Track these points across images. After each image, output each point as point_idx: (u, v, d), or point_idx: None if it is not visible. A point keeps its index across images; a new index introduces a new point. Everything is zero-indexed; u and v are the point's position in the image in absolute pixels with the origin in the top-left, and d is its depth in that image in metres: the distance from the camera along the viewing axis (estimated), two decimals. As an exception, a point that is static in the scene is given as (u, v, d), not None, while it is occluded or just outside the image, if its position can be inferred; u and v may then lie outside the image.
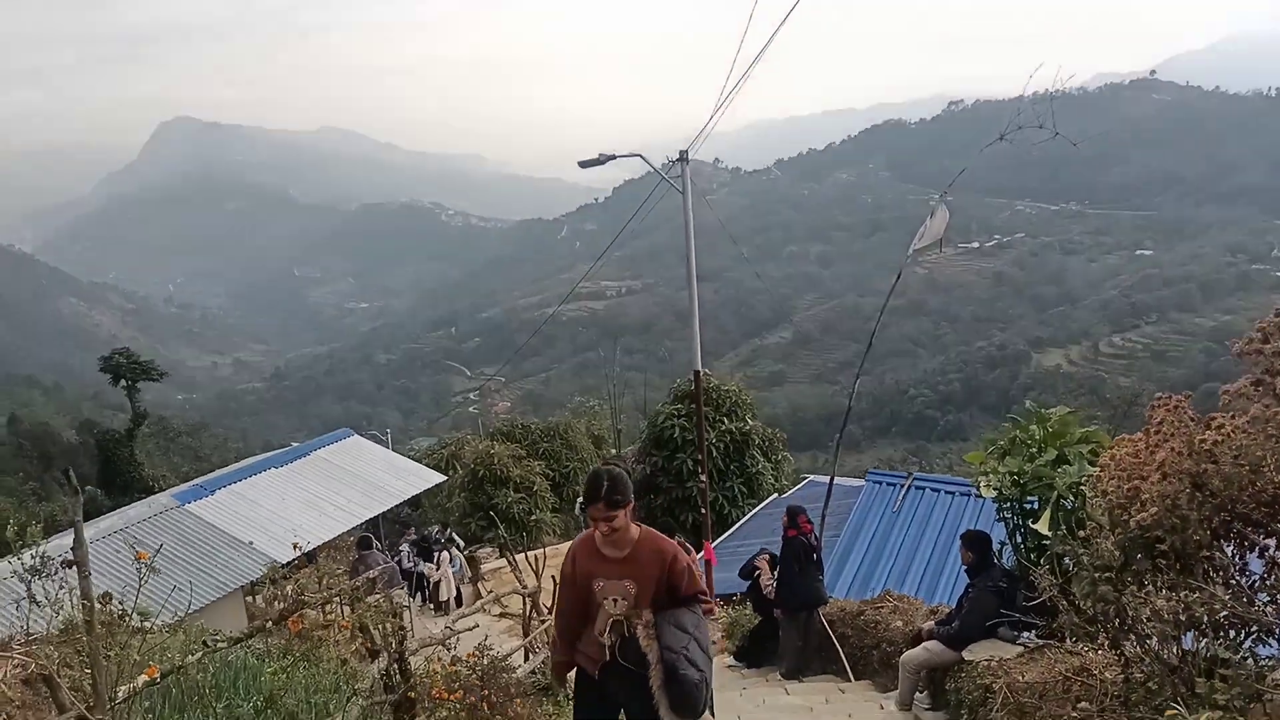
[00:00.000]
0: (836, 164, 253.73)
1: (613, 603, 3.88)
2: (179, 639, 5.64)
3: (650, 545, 3.90)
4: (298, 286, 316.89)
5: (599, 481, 3.74)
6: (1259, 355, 2.65)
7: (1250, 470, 2.74)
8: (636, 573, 3.86)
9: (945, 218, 11.00)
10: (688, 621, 3.88)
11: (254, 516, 16.48)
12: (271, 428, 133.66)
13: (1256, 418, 2.66)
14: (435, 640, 5.97)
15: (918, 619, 8.18)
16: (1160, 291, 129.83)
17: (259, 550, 15.04)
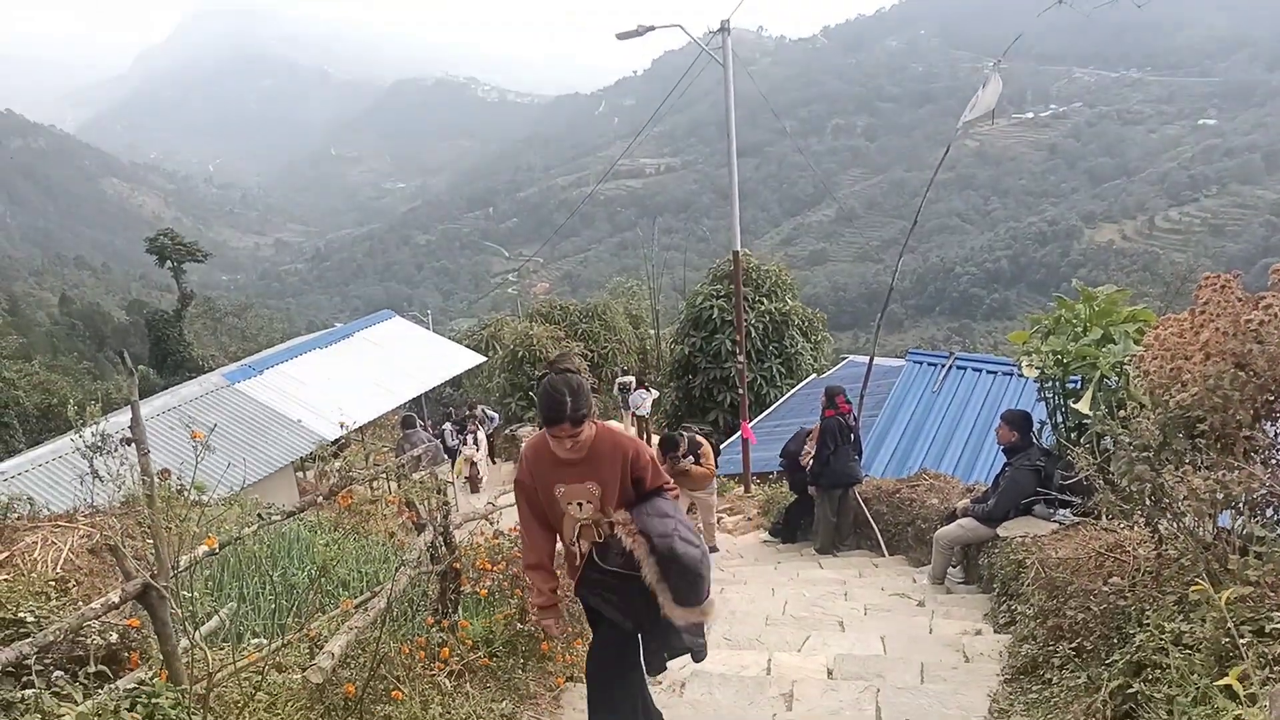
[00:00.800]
0: (885, 30, 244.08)
1: (578, 507, 3.55)
2: (235, 512, 5.88)
3: (609, 441, 3.53)
4: (335, 166, 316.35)
5: (559, 399, 3.32)
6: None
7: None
8: (598, 473, 3.50)
9: (998, 87, 10.58)
10: (667, 507, 3.58)
11: (301, 395, 16.88)
12: (314, 308, 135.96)
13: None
14: (479, 514, 6.15)
15: (954, 497, 8.26)
16: (1222, 163, 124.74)
17: (307, 428, 15.47)
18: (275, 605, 4.85)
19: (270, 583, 4.97)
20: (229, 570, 5.17)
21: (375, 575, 5.58)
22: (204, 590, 4.45)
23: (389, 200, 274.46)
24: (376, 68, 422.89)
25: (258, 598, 4.92)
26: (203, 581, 4.66)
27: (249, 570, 5.23)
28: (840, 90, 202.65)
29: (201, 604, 3.94)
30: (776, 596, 7.26)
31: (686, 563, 3.43)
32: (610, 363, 28.75)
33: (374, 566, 5.81)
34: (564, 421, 3.31)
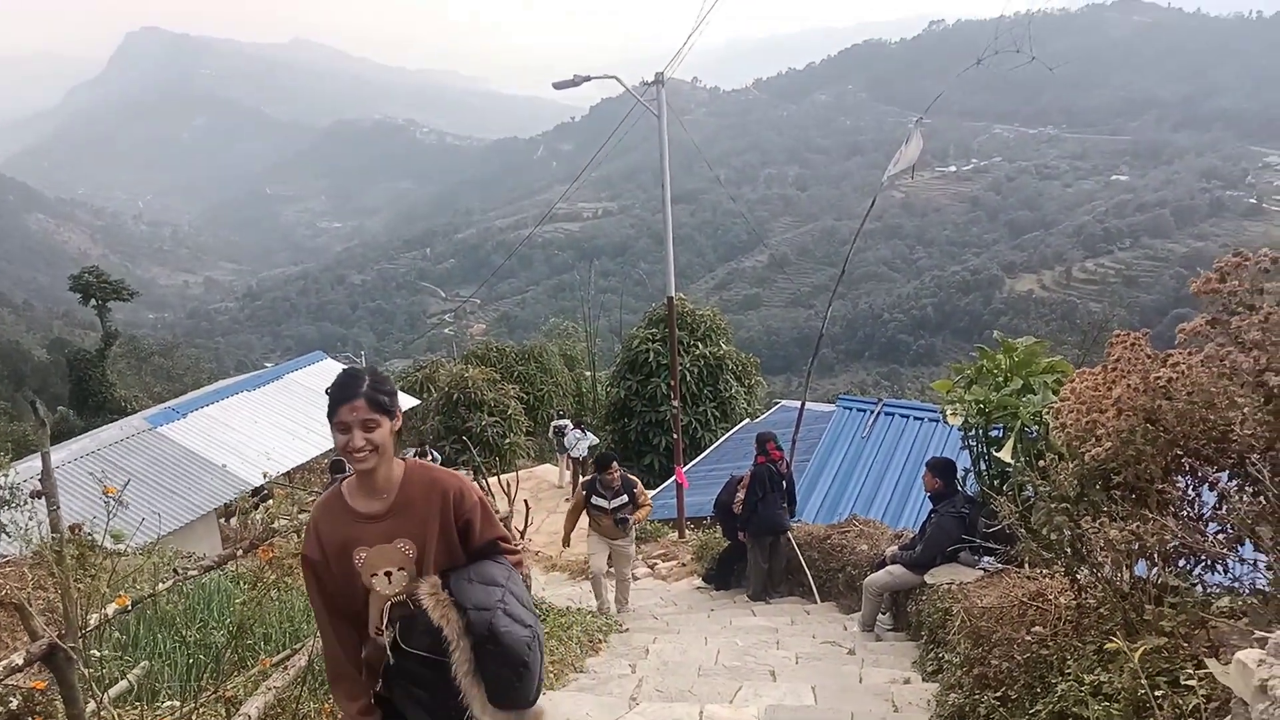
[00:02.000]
0: (815, 84, 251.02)
1: (386, 579, 2.64)
2: (152, 563, 5.67)
3: (423, 480, 2.72)
4: (270, 204, 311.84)
5: (355, 375, 2.67)
6: (1216, 294, 2.68)
7: (1203, 407, 2.79)
8: (411, 525, 2.67)
9: (920, 143, 10.94)
10: (496, 572, 2.74)
11: (227, 439, 16.48)
12: (245, 348, 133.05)
13: (1211, 356, 2.70)
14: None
15: (883, 543, 8.36)
16: (1134, 217, 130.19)
17: (232, 473, 15.10)
18: (191, 664, 4.68)
19: (185, 641, 4.80)
20: (144, 625, 4.98)
21: (298, 631, 5.43)
22: (115, 649, 4.28)
23: (324, 240, 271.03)
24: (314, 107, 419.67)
25: (173, 655, 4.74)
26: (114, 640, 4.48)
27: (164, 627, 5.05)
28: (772, 141, 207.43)
29: (112, 664, 3.79)
30: (709, 646, 7.23)
31: (510, 648, 2.60)
32: (546, 405, 28.68)
33: (297, 622, 5.65)
34: (357, 397, 2.57)
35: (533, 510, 10.90)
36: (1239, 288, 2.60)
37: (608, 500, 8.97)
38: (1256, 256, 2.60)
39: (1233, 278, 2.62)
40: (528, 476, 21.40)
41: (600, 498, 9.01)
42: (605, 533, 9.23)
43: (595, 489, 9.07)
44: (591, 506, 9.07)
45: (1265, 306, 2.51)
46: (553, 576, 14.36)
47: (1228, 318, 2.63)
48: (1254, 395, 2.56)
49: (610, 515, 8.97)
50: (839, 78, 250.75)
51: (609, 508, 8.95)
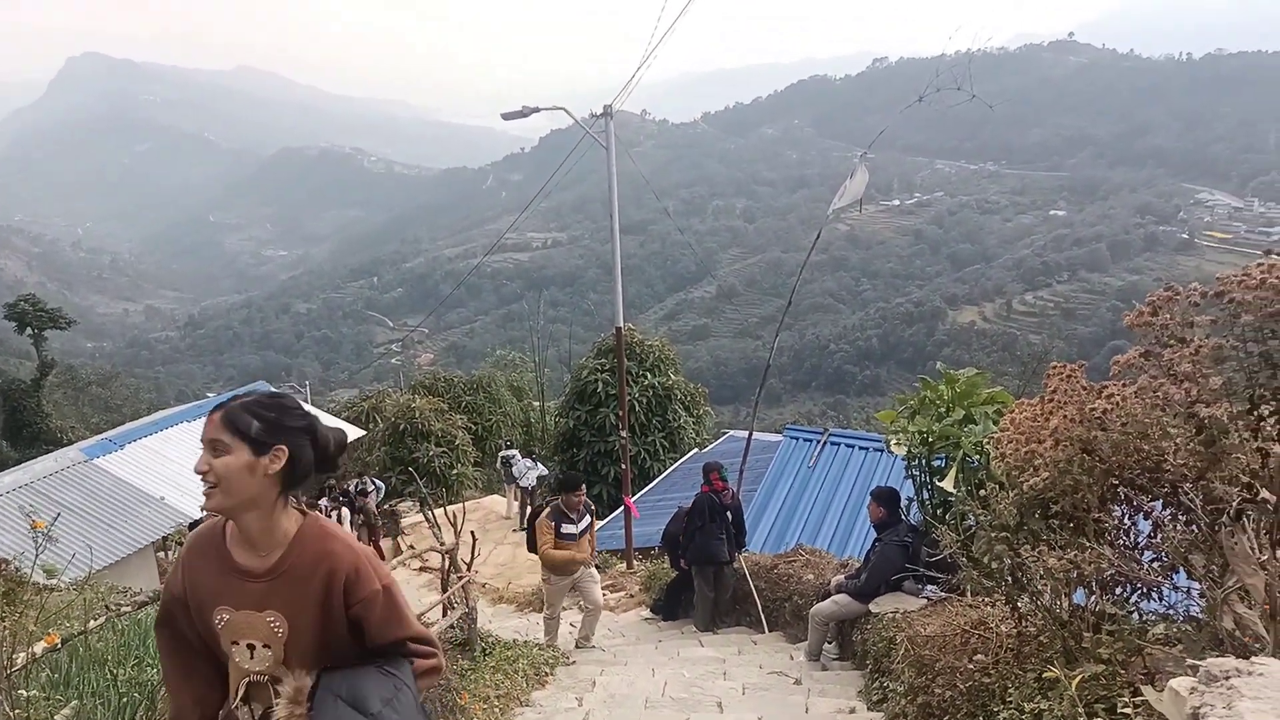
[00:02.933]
0: (762, 118, 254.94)
1: (246, 650, 2.17)
2: (84, 599, 5.49)
3: (314, 548, 2.18)
4: (213, 232, 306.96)
5: (243, 395, 2.22)
6: (1149, 327, 2.76)
7: (1137, 437, 2.86)
8: (287, 598, 2.15)
9: (865, 178, 11.13)
10: (376, 691, 2.11)
11: (165, 471, 16.12)
12: (186, 377, 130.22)
13: (1144, 388, 2.77)
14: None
15: (829, 572, 8.40)
16: (1071, 251, 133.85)
17: (170, 505, 14.76)
18: (124, 703, 4.51)
19: (115, 682, 4.63)
20: (75, 663, 4.80)
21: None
22: (44, 689, 4.11)
23: (269, 268, 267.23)
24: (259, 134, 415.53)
25: (105, 694, 4.57)
26: (43, 679, 4.31)
27: (96, 665, 4.87)
28: (720, 173, 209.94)
29: (41, 705, 3.64)
30: (656, 677, 7.18)
31: None
32: (495, 436, 28.48)
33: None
34: (216, 411, 2.17)
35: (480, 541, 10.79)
36: (1170, 321, 2.68)
37: (575, 525, 8.49)
38: (1186, 291, 2.68)
39: (1164, 311, 2.70)
40: (475, 508, 21.16)
41: (568, 524, 8.49)
42: (568, 566, 8.64)
43: (561, 516, 8.51)
44: (560, 536, 8.47)
45: (1195, 340, 2.59)
46: (500, 609, 14.20)
47: (1160, 350, 2.70)
48: (1186, 426, 2.64)
49: (578, 541, 8.47)
50: (785, 112, 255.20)
51: (577, 532, 8.47)
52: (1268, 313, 2.38)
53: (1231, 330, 2.53)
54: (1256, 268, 2.46)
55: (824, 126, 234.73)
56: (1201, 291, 2.64)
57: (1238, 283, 2.47)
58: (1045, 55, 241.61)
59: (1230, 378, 2.53)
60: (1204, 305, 2.63)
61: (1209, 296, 2.60)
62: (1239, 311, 2.47)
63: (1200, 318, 2.61)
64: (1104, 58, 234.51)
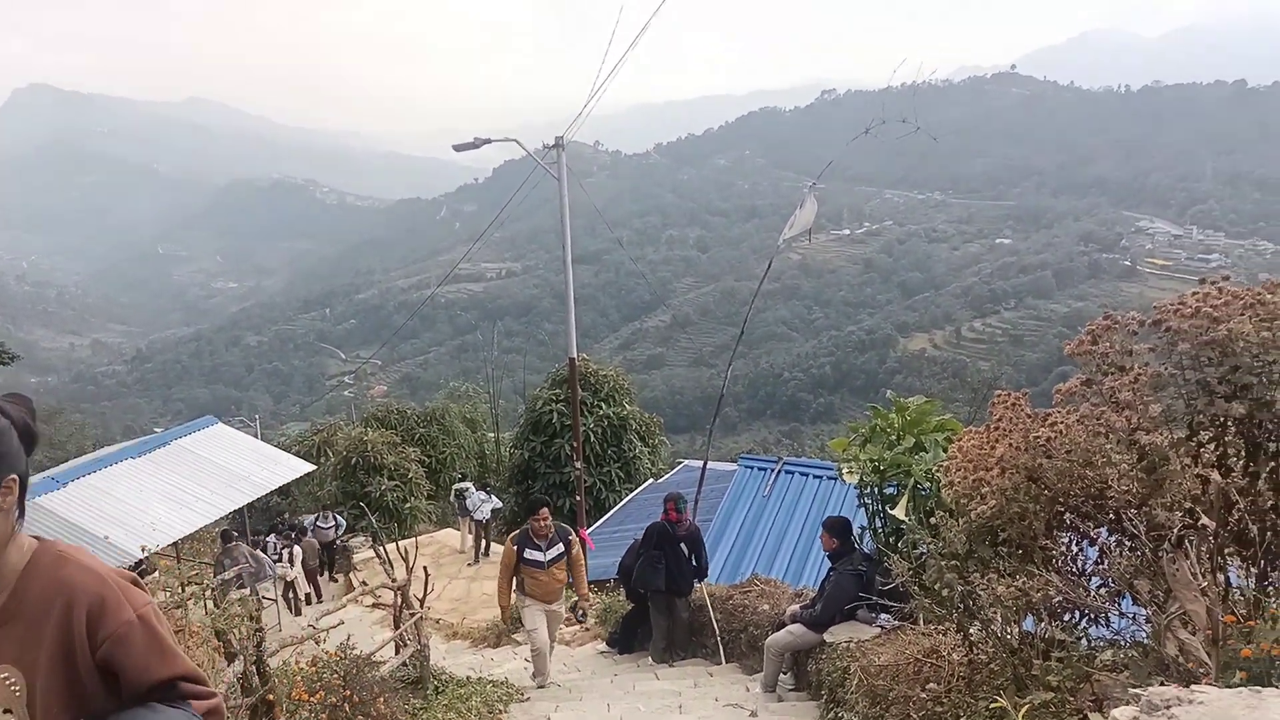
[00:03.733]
0: (714, 149, 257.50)
1: None
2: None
3: (47, 580, 1.77)
4: (162, 264, 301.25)
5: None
6: (1089, 355, 2.79)
7: (1081, 465, 2.88)
8: (20, 645, 1.71)
9: (814, 208, 11.26)
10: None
11: (110, 510, 15.68)
12: (133, 412, 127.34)
13: (1086, 416, 2.80)
14: (297, 640, 5.78)
15: (784, 602, 8.38)
16: (1017, 279, 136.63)
17: (115, 545, 14.36)
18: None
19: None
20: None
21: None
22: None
23: (219, 300, 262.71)
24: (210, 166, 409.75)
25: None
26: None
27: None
28: (673, 203, 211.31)
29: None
30: (612, 712, 7.10)
31: None
32: (448, 468, 28.17)
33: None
34: None
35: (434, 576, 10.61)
36: (1110, 349, 2.71)
37: (543, 552, 8.13)
38: (1125, 319, 2.72)
39: (1104, 340, 2.73)
40: (428, 542, 20.88)
41: (533, 549, 8.14)
42: (542, 594, 8.32)
43: (526, 541, 8.20)
44: (525, 562, 8.18)
45: (1135, 368, 2.62)
46: (454, 645, 13.97)
47: (1101, 378, 2.74)
48: (1128, 453, 2.66)
49: (547, 570, 8.13)
50: (737, 143, 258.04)
51: (545, 560, 8.11)
52: (1203, 341, 2.42)
53: (1169, 358, 2.57)
54: (1192, 296, 2.51)
55: (775, 157, 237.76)
56: (1140, 320, 2.68)
57: (1174, 311, 2.52)
58: (988, 87, 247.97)
59: (1169, 405, 2.57)
60: (1143, 333, 2.67)
61: (1147, 325, 2.64)
62: (1176, 340, 2.51)
63: (1139, 346, 2.65)
64: (1045, 90, 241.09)
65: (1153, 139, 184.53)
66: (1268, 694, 1.58)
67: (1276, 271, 42.65)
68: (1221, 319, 2.36)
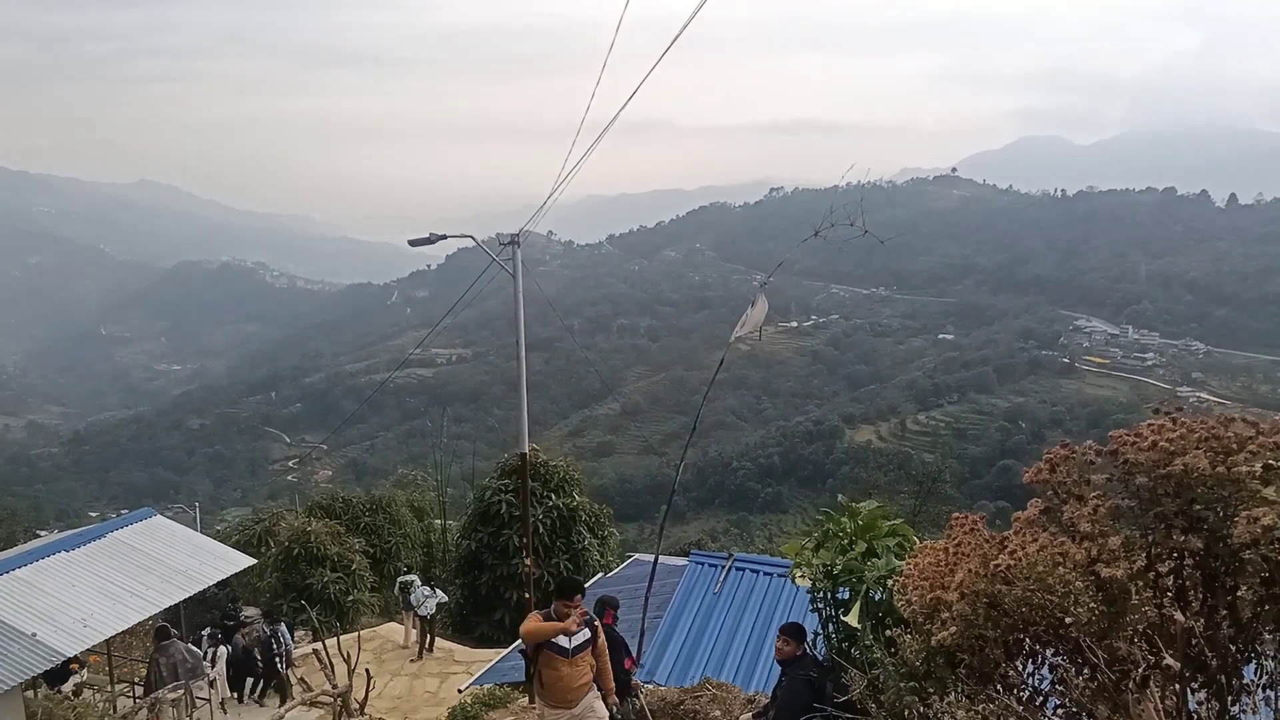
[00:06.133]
0: (665, 241, 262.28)
1: None
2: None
3: None
4: (104, 345, 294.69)
5: None
6: (1046, 483, 2.82)
7: (1041, 592, 2.88)
8: None
9: (765, 307, 11.41)
10: None
11: (39, 605, 14.99)
12: (68, 495, 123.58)
13: (1045, 545, 2.82)
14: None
15: (736, 709, 8.21)
16: (960, 373, 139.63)
17: (43, 643, 13.71)
18: None
19: None
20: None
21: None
22: None
23: (161, 382, 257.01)
24: (158, 247, 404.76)
25: None
26: None
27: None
28: (624, 293, 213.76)
29: None
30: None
31: None
32: (394, 558, 27.53)
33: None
34: None
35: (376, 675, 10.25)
36: (1067, 478, 2.75)
37: (568, 640, 7.23)
38: (1083, 450, 2.77)
39: (1061, 469, 2.77)
40: (371, 636, 20.26)
41: (560, 635, 7.24)
42: (562, 692, 7.27)
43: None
44: (548, 647, 7.23)
45: (1093, 498, 2.65)
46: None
47: (1059, 507, 2.76)
48: (1087, 584, 2.68)
49: (571, 660, 7.19)
50: (687, 236, 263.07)
51: (569, 646, 7.21)
52: (1160, 474, 2.47)
53: (1126, 488, 2.60)
54: (1148, 428, 2.56)
55: (724, 250, 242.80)
56: (1096, 449, 2.73)
57: (1130, 443, 2.56)
58: (930, 189, 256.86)
59: (1128, 535, 2.59)
60: (1100, 464, 2.71)
61: (1104, 454, 2.68)
62: (1133, 471, 2.55)
63: (1096, 476, 2.69)
64: (985, 192, 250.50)
65: (1088, 241, 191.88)
66: None
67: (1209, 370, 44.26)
68: (1177, 453, 2.41)
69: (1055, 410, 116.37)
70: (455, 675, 17.36)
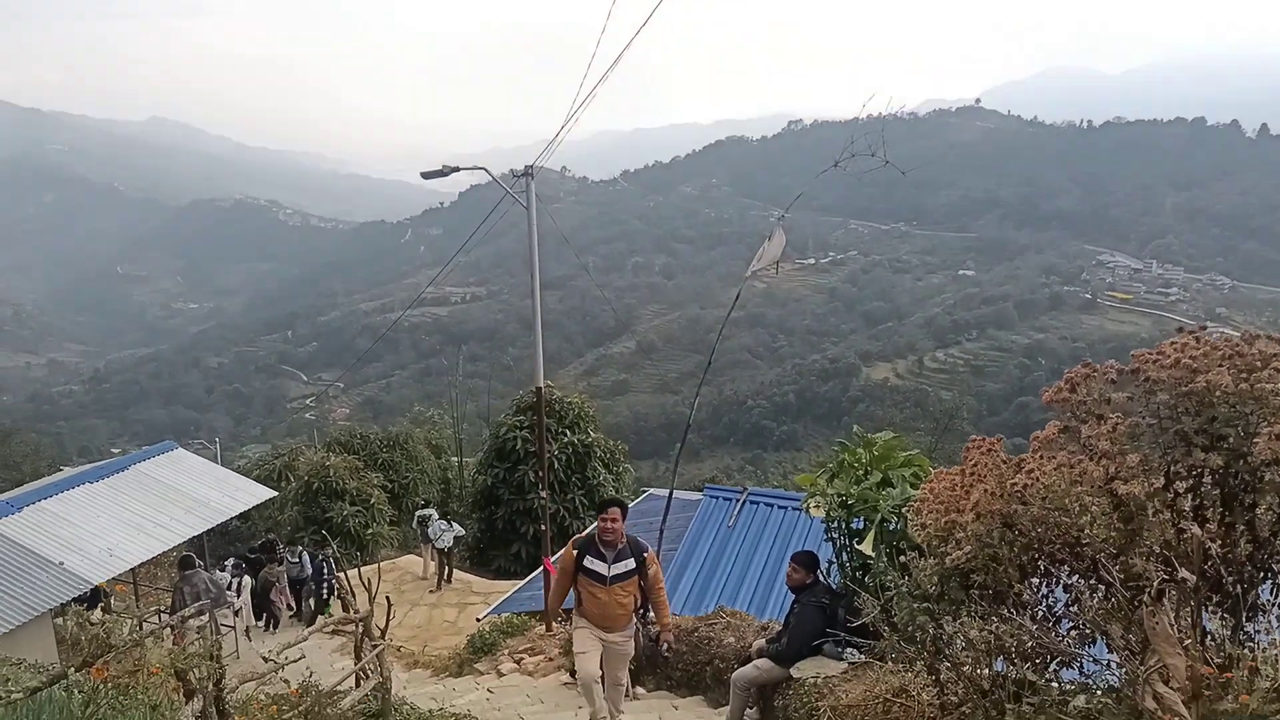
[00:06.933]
0: (681, 177, 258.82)
1: None
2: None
3: None
4: (120, 285, 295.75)
5: None
6: (1066, 403, 2.79)
7: (1057, 511, 2.88)
8: None
9: (782, 241, 11.32)
10: None
11: (66, 535, 15.32)
12: (89, 433, 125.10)
13: (1063, 464, 2.80)
14: (256, 675, 5.63)
15: (750, 635, 8.32)
16: (980, 310, 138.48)
17: (71, 571, 14.04)
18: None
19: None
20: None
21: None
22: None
23: (179, 321, 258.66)
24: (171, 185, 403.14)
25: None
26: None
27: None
28: (639, 230, 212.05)
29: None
30: (576, 749, 6.98)
31: None
32: (412, 493, 27.92)
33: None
34: None
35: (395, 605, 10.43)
36: (1088, 397, 2.72)
37: (606, 564, 6.80)
38: (1104, 368, 2.73)
39: (1082, 388, 2.74)
40: (390, 568, 20.62)
41: (596, 559, 6.84)
42: (599, 617, 6.99)
43: (589, 547, 6.91)
44: (584, 573, 6.90)
45: (1112, 417, 2.63)
46: (415, 674, 13.76)
47: (1078, 426, 2.74)
48: (1104, 502, 2.66)
49: (608, 588, 6.78)
50: (703, 172, 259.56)
51: (607, 575, 6.77)
52: (1182, 392, 2.43)
53: (1147, 407, 2.57)
54: (1170, 346, 2.52)
55: (741, 186, 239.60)
56: (1118, 369, 2.69)
57: (1153, 361, 2.53)
58: (953, 120, 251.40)
59: (1146, 454, 2.57)
60: (1120, 382, 2.68)
61: (1125, 373, 2.65)
62: (1154, 389, 2.52)
63: (1116, 395, 2.66)
64: (1009, 124, 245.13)
65: (1114, 174, 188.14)
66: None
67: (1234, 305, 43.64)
68: (1200, 370, 2.38)
69: (1075, 346, 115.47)
70: (473, 605, 17.69)
